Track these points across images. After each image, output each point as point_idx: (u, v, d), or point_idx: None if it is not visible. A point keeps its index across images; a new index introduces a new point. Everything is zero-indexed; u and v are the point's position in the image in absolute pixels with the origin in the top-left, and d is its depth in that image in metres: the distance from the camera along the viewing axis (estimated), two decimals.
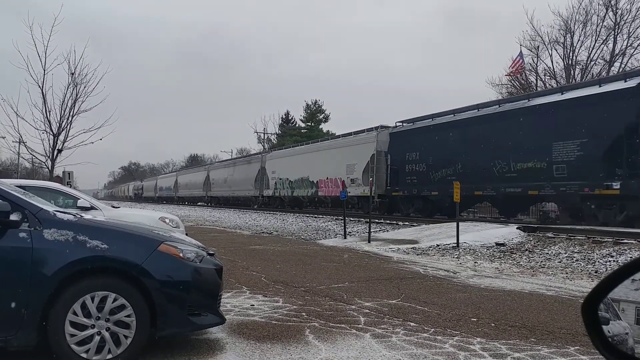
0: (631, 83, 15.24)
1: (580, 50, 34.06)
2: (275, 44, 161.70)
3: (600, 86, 16.57)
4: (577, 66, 34.49)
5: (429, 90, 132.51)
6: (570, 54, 34.34)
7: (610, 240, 12.03)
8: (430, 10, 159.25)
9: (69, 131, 23.75)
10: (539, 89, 31.59)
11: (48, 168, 24.23)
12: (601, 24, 32.73)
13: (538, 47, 35.11)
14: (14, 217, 3.92)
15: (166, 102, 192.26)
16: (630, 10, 31.18)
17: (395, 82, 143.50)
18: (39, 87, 22.99)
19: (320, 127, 63.93)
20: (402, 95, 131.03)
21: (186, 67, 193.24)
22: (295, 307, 6.30)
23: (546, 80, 35.81)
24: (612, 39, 32.54)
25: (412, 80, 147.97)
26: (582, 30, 33.51)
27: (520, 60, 33.53)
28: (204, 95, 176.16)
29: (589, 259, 10.99)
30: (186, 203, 62.36)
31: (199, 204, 57.50)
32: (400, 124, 26.21)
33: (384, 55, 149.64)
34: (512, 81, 36.92)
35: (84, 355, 3.87)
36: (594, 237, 12.50)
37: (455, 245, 13.30)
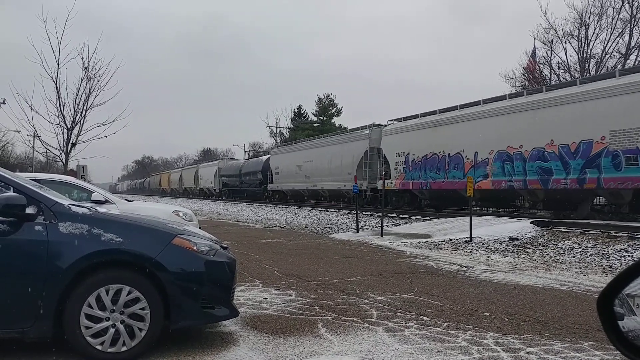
0: None
1: (595, 44, 33.74)
2: (279, 38, 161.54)
3: None
4: (592, 59, 34.16)
5: (436, 83, 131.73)
6: (585, 47, 34.02)
7: (625, 235, 11.90)
8: (434, 2, 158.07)
9: (82, 125, 24.04)
10: (553, 83, 31.31)
11: (62, 162, 24.50)
12: (617, 16, 32.40)
13: (552, 40, 34.84)
14: (29, 210, 3.95)
15: (173, 96, 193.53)
16: None
17: (401, 76, 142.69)
18: (53, 81, 23.30)
19: (333, 120, 63.88)
20: (408, 89, 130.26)
21: (190, 60, 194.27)
22: (308, 300, 6.32)
23: (560, 73, 35.51)
24: (628, 32, 32.19)
25: (418, 74, 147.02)
26: (597, 23, 33.18)
27: (533, 60, 33.63)
28: (210, 89, 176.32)
29: (603, 253, 10.90)
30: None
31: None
32: None
33: (389, 48, 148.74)
34: (526, 74, 36.66)
35: (99, 347, 3.91)
36: (608, 232, 12.38)
37: (468, 239, 13.25)
